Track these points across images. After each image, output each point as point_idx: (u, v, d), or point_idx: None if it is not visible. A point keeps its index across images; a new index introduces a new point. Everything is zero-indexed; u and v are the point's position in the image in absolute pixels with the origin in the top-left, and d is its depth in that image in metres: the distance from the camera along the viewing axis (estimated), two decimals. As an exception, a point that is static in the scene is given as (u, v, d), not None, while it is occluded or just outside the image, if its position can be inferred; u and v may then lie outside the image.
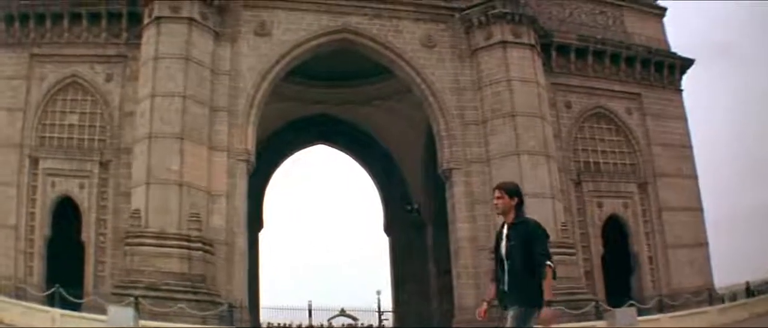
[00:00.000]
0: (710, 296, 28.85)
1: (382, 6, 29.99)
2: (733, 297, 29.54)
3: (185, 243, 24.38)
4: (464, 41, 30.29)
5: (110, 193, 26.70)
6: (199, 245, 24.68)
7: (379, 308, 38.19)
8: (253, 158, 27.58)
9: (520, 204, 7.00)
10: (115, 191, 26.62)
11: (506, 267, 6.85)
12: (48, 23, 28.64)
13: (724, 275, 31.86)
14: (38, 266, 25.93)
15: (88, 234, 26.29)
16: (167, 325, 20.83)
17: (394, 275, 39.16)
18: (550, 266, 6.50)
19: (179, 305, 22.62)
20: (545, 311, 6.38)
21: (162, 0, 27.00)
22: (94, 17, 28.65)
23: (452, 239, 28.93)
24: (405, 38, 30.06)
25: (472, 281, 27.46)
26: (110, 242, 26.04)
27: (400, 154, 39.58)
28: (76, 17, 28.63)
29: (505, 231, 7.04)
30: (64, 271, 25.66)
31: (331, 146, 41.06)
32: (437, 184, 38.21)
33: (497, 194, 7.11)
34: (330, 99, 37.93)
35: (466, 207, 28.34)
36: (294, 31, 28.96)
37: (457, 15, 30.44)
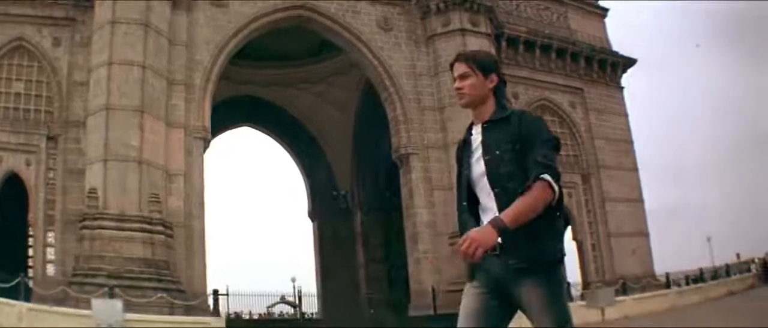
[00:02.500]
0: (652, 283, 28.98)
1: (340, -16, 27.70)
2: (668, 285, 29.86)
3: (147, 226, 21.18)
4: (420, 26, 28.45)
5: (59, 170, 22.77)
6: (161, 228, 21.55)
7: (295, 294, 35.81)
8: (210, 136, 24.60)
9: (501, 86, 4.12)
10: (64, 168, 22.71)
11: (485, 202, 3.96)
12: (-8, -26, 24.06)
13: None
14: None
15: (35, 215, 22.33)
16: (154, 318, 17.81)
17: (320, 263, 36.79)
18: (548, 182, 3.68)
19: (147, 294, 19.66)
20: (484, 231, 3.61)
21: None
22: None
23: (409, 224, 26.96)
24: (362, 20, 27.86)
25: (431, 266, 25.72)
26: (59, 223, 22.18)
27: (327, 140, 37.21)
28: None
29: (476, 137, 4.09)
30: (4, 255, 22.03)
31: (257, 129, 38.08)
32: (367, 170, 36.47)
33: (460, 69, 4.12)
34: (258, 80, 34.99)
35: (425, 193, 26.49)
36: (252, 4, 26.09)
37: (412, 0, 28.63)
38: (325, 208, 37.10)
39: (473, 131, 4.13)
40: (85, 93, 23.32)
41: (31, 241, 29.00)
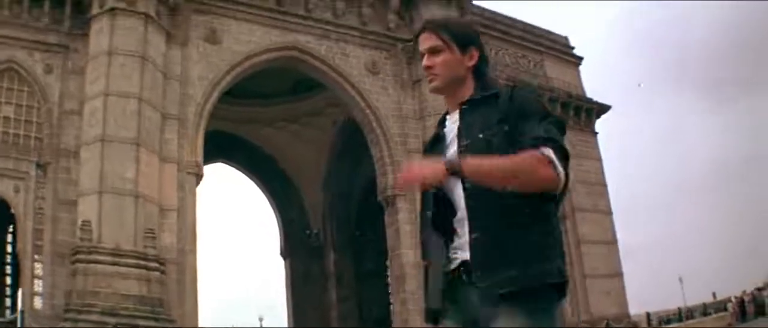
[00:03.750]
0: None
1: (330, 28, 27.13)
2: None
3: (143, 262, 20.07)
4: (406, 70, 28.07)
5: (49, 199, 21.48)
6: (156, 264, 20.46)
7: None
8: (202, 172, 23.73)
9: (483, 63, 3.12)
10: (54, 198, 21.45)
11: (462, 208, 2.93)
12: (-14, -5, 22.71)
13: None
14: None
15: (24, 245, 21.01)
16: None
17: (292, 301, 35.74)
18: (547, 156, 2.73)
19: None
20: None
21: (118, -11, 22.71)
22: None
23: (395, 264, 26.37)
24: (351, 63, 27.43)
25: (419, 306, 25.15)
26: (48, 255, 20.81)
27: (301, 179, 36.44)
28: None
29: (451, 126, 3.13)
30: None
31: (231, 165, 36.99)
32: (340, 209, 35.82)
33: (430, 41, 3.11)
34: (235, 117, 34.03)
35: (411, 234, 25.86)
36: (244, 43, 25.42)
37: (399, 45, 28.33)
38: (297, 246, 36.17)
39: (447, 121, 3.14)
40: (77, 122, 22.25)
41: (8, 269, 27.78)
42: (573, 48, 35.70)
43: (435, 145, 3.15)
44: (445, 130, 3.12)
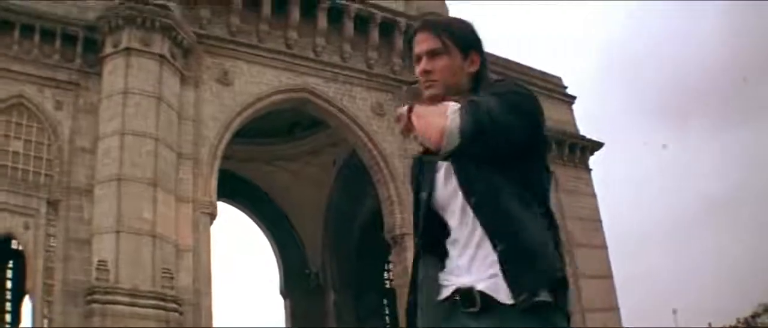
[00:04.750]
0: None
1: (338, 71, 26.89)
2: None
3: (161, 303, 19.41)
4: (411, 112, 28.07)
5: (60, 237, 20.64)
6: (174, 305, 19.83)
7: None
8: (216, 211, 23.19)
9: (484, 69, 2.75)
10: (65, 236, 20.62)
11: (455, 228, 2.62)
12: (-6, 30, 21.95)
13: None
14: (-28, 317, 19.56)
15: (33, 284, 20.07)
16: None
17: (293, 340, 34.94)
18: (450, 110, 2.46)
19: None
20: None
21: (132, 30, 22.38)
22: (48, 35, 22.43)
23: (402, 302, 25.97)
24: (358, 104, 27.18)
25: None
26: (59, 294, 19.97)
27: (300, 218, 35.79)
28: (28, 30, 22.21)
29: None
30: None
31: (231, 204, 36.35)
32: (340, 249, 35.26)
33: (428, 42, 2.73)
34: (236, 155, 33.76)
35: (419, 274, 25.60)
36: (255, 85, 25.08)
37: (404, 87, 28.19)
38: (297, 286, 35.46)
39: None
40: (88, 160, 21.60)
41: (7, 306, 26.77)
42: (566, 88, 35.82)
43: (424, 162, 2.79)
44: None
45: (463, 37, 2.72)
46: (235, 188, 35.04)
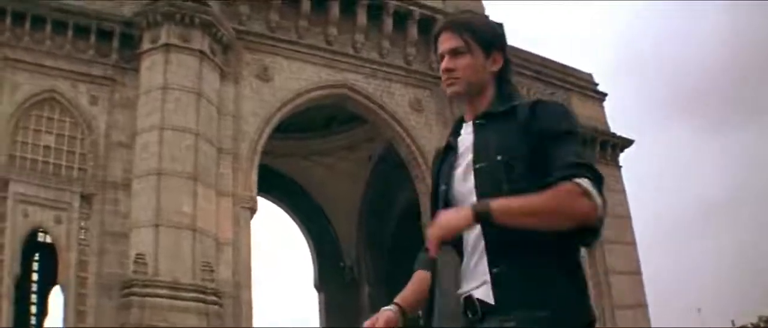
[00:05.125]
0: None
1: (376, 67, 26.60)
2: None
3: (201, 296, 19.30)
4: (448, 108, 27.41)
5: (94, 231, 20.60)
6: (214, 298, 19.75)
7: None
8: (256, 206, 23.10)
9: (507, 68, 2.77)
10: (101, 230, 20.58)
11: (474, 235, 2.54)
12: (27, 25, 21.81)
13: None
14: (7, 310, 19.18)
15: (67, 277, 20.03)
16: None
17: (327, 333, 34.85)
18: (583, 187, 2.31)
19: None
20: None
21: (170, 26, 22.32)
22: (82, 30, 22.30)
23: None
24: (396, 100, 26.90)
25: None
26: (93, 287, 19.92)
27: (336, 212, 35.64)
28: (60, 26, 22.09)
29: (464, 138, 2.74)
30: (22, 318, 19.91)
31: (267, 198, 36.30)
32: (375, 244, 35.06)
33: (451, 41, 2.72)
34: (271, 150, 33.70)
35: (455, 271, 25.36)
36: (295, 81, 24.89)
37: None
38: (331, 279, 35.36)
39: (462, 130, 2.76)
40: (125, 154, 21.51)
41: (33, 298, 26.97)
42: (597, 85, 35.34)
43: (446, 155, 2.78)
44: (459, 139, 2.75)
45: (485, 37, 2.72)
46: (271, 183, 34.99)
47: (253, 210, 22.69)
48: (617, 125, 34.23)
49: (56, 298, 23.59)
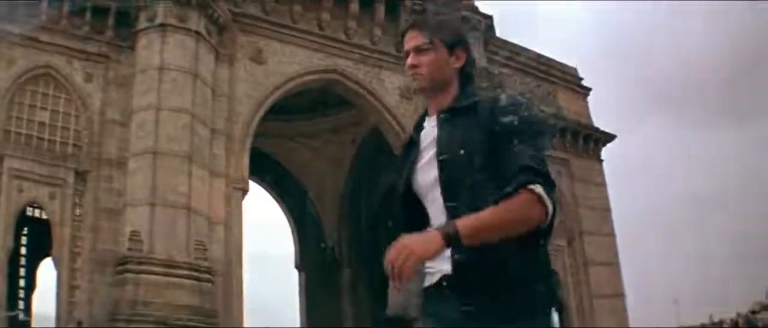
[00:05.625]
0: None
1: (367, 53, 26.76)
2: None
3: (195, 273, 19.51)
4: (436, 97, 28.09)
5: (88, 208, 20.67)
6: (207, 275, 19.98)
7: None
8: (248, 187, 23.30)
9: (470, 64, 2.89)
10: (95, 207, 20.63)
11: (435, 223, 2.69)
12: (23, -1, 21.57)
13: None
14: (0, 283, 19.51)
15: (61, 252, 20.09)
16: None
17: (306, 314, 35.14)
18: (537, 194, 2.49)
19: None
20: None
21: (167, 5, 22.28)
22: (78, 7, 22.20)
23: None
24: (386, 88, 27.11)
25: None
26: (86, 263, 19.98)
27: (318, 194, 35.84)
28: (56, 1, 21.96)
29: (428, 131, 2.87)
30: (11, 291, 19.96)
31: (251, 179, 36.41)
32: (356, 226, 35.40)
33: (416, 40, 2.87)
34: (261, 131, 33.82)
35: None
36: (288, 64, 25.00)
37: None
38: (312, 260, 35.68)
39: (425, 124, 2.89)
40: (120, 132, 21.52)
41: (21, 271, 26.94)
42: (582, 79, 35.85)
43: (409, 150, 2.90)
44: (422, 134, 2.87)
45: (448, 35, 2.85)
46: (256, 163, 35.07)
47: (244, 191, 22.88)
48: (600, 120, 34.75)
49: (44, 272, 23.61)
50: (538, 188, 2.49)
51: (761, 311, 39.67)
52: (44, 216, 21.42)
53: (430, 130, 2.83)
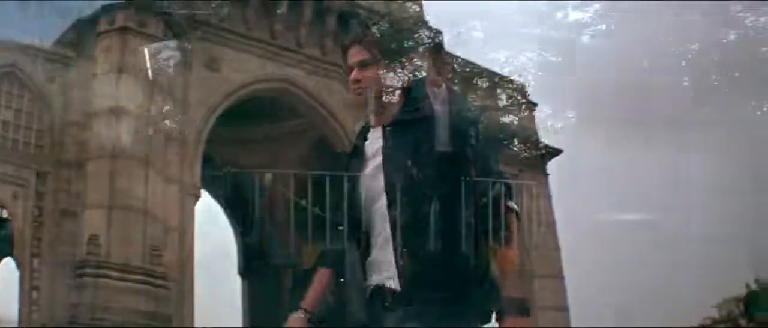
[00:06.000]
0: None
1: (318, 64, 27.26)
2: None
3: (151, 279, 19.68)
4: (385, 109, 28.76)
5: (47, 209, 20.78)
6: (162, 281, 20.18)
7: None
8: (200, 193, 23.53)
9: (414, 79, 2.97)
10: (54, 208, 20.76)
11: (378, 235, 2.76)
12: (-10, -2, 21.43)
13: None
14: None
15: (22, 255, 20.15)
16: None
17: (250, 321, 35.17)
18: (517, 212, 2.65)
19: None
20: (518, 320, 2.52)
21: (128, 10, 22.40)
22: (43, 8, 21.97)
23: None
24: (336, 98, 27.72)
25: None
26: (47, 265, 20.14)
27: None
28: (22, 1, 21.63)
29: (372, 142, 2.95)
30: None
31: (196, 183, 36.38)
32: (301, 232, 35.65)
33: (359, 54, 2.97)
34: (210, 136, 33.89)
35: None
36: (241, 72, 25.32)
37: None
38: (256, 266, 35.71)
39: (369, 134, 2.95)
40: (79, 134, 21.60)
41: None
42: (528, 94, 36.86)
43: (353, 159, 2.93)
44: (366, 143, 2.92)
45: (391, 50, 2.93)
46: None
47: (197, 197, 23.09)
48: (547, 134, 35.51)
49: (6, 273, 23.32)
50: (513, 205, 2.64)
51: (713, 325, 40.46)
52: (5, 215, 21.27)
53: (374, 140, 2.86)
